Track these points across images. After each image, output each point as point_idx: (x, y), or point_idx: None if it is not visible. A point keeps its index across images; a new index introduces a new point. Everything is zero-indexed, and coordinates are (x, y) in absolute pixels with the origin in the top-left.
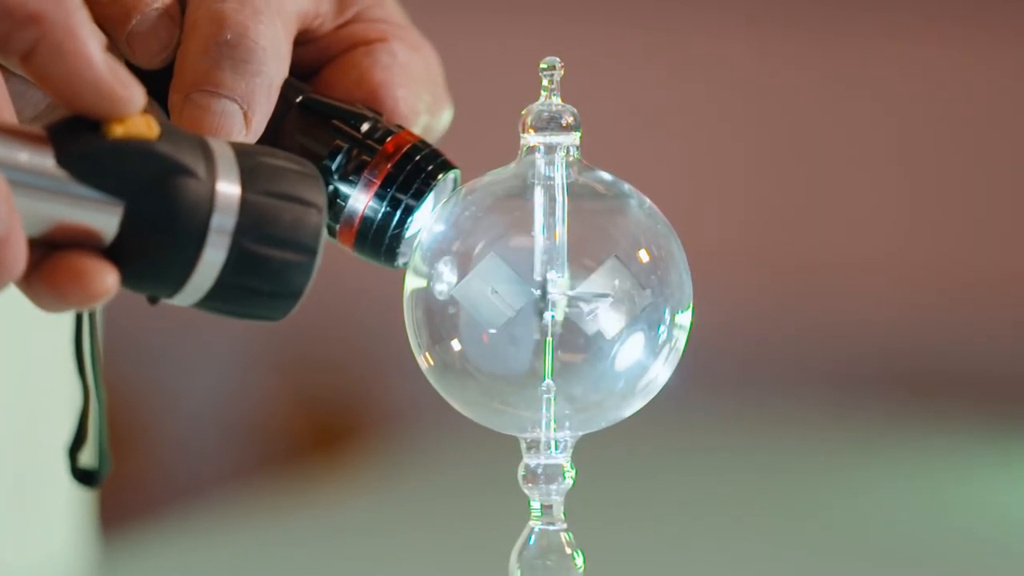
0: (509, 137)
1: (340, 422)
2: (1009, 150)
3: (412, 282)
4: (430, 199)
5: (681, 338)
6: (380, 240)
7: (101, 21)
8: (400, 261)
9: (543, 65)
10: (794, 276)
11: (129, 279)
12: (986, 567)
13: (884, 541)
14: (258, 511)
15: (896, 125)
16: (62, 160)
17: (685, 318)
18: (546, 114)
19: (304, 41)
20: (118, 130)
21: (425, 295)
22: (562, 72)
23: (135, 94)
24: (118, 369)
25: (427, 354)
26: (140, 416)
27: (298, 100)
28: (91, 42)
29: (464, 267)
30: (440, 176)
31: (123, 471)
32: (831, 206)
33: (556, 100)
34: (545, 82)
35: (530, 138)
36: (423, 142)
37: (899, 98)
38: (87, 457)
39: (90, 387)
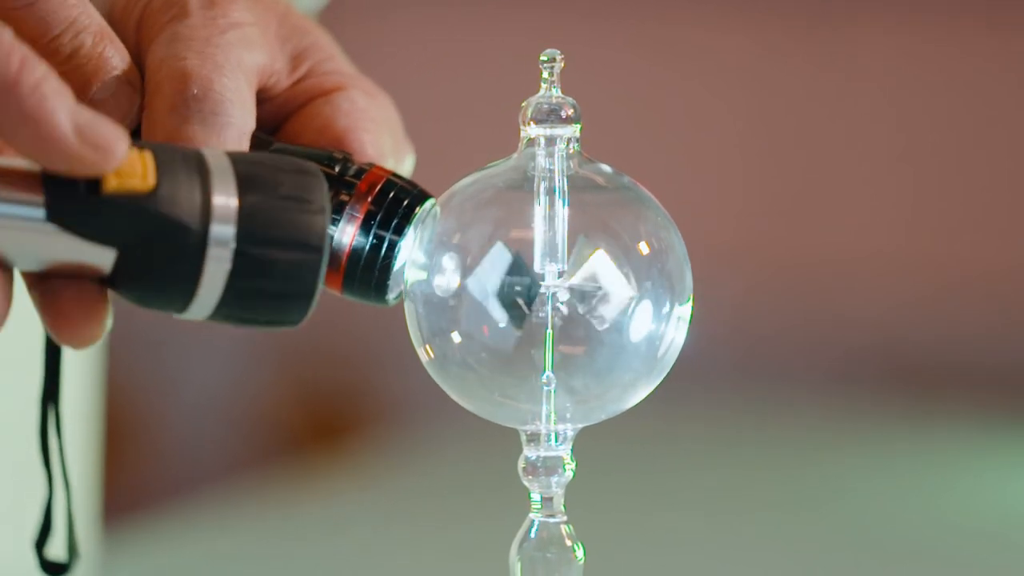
0: (509, 130)
1: (340, 415)
2: (1009, 143)
3: (412, 274)
4: (411, 232)
5: (681, 330)
6: (369, 277)
7: None
8: (391, 296)
9: (543, 57)
10: (794, 269)
11: (135, 302)
12: (986, 559)
13: (884, 533)
14: (259, 504)
15: (896, 118)
16: (52, 213)
17: (685, 310)
18: (546, 106)
19: (262, 100)
20: (112, 182)
21: (425, 287)
22: (562, 64)
23: (112, 150)
24: (119, 362)
25: (427, 347)
26: (141, 409)
27: (267, 151)
28: (58, 109)
29: (464, 259)
30: (418, 208)
31: (124, 464)
32: (831, 199)
33: (556, 92)
34: (545, 74)
35: (530, 130)
36: (397, 175)
37: (899, 91)
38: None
39: (55, 477)
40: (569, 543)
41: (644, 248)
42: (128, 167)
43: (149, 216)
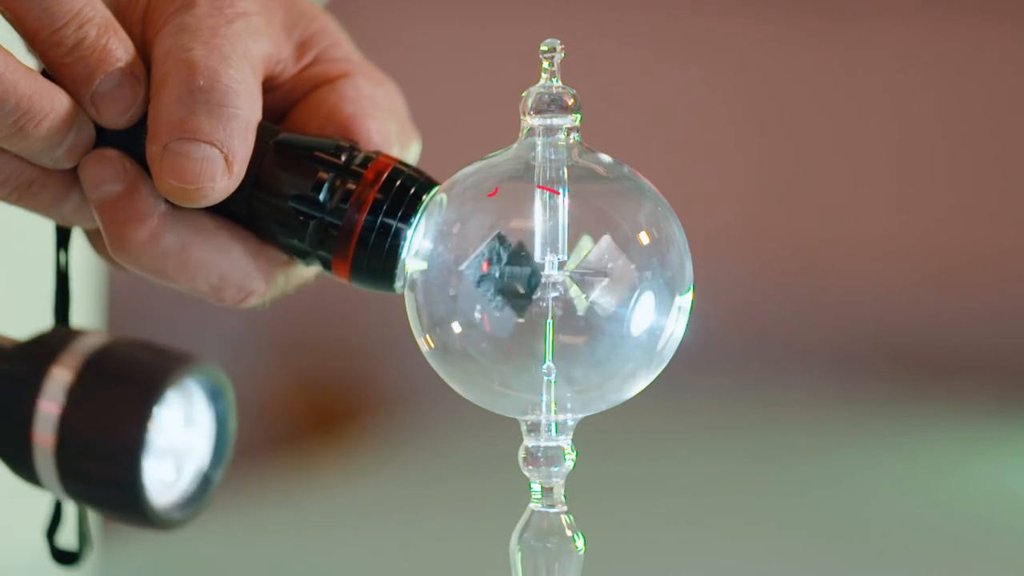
0: (509, 119)
1: (340, 404)
2: (1006, 131)
3: (413, 264)
4: (418, 219)
5: (682, 320)
6: (376, 265)
7: (65, 80)
8: (398, 284)
9: (543, 48)
10: (794, 257)
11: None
12: (985, 545)
13: (883, 520)
14: (258, 494)
15: (894, 107)
16: None
17: (685, 300)
18: (546, 96)
19: (269, 88)
20: None
21: (425, 277)
22: (562, 54)
23: None
24: None
25: (427, 336)
26: None
27: (273, 140)
28: None
29: (464, 249)
30: (425, 196)
31: None
32: (830, 188)
33: (556, 82)
34: (545, 64)
35: (530, 120)
36: (403, 163)
37: (896, 80)
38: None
39: None
40: (569, 533)
41: (644, 238)
42: None
43: None
